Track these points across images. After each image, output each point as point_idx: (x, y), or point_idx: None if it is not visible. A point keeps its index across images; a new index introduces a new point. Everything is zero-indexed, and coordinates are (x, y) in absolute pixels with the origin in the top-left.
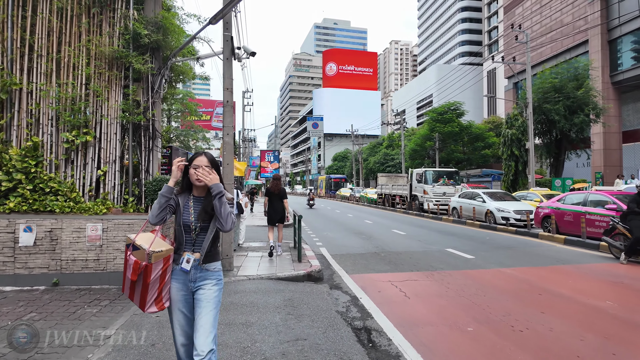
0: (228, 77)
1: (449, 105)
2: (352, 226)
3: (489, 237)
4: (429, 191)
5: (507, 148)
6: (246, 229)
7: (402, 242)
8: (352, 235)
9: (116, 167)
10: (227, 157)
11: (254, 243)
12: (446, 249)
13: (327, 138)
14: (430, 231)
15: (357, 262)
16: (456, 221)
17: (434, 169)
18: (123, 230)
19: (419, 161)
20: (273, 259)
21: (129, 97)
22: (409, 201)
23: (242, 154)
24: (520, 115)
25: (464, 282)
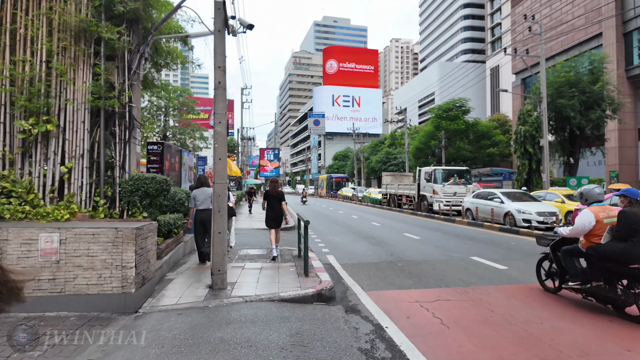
0: (220, 54)
1: (454, 102)
2: (359, 229)
3: (514, 242)
4: (438, 191)
5: (520, 145)
6: (246, 232)
7: (418, 248)
8: (361, 240)
9: (84, 163)
10: (220, 151)
11: (252, 250)
12: (471, 257)
13: (328, 137)
14: (445, 235)
15: (373, 274)
16: (471, 223)
17: (443, 168)
18: (86, 242)
19: (423, 160)
20: (275, 270)
21: (100, 77)
22: (416, 201)
23: (241, 152)
24: (534, 111)
25: (508, 303)
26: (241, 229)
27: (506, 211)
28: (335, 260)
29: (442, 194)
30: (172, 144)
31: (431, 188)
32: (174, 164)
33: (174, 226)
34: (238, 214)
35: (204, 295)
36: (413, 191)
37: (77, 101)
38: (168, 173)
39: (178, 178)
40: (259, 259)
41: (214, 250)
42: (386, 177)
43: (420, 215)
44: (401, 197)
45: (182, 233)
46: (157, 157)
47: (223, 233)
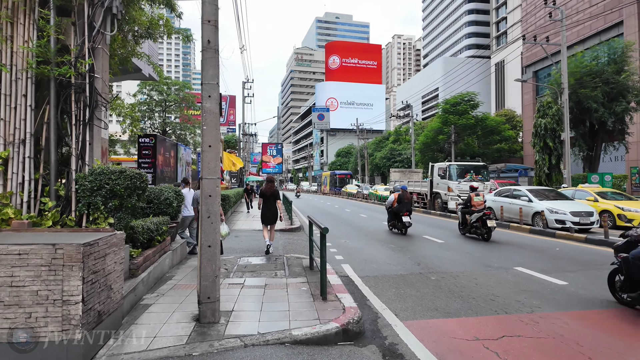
0: (210, 3)
1: (462, 96)
2: (371, 230)
3: (559, 247)
4: (454, 188)
5: (540, 139)
6: (246, 235)
7: (446, 255)
8: (377, 244)
9: (26, 152)
10: (209, 135)
11: (254, 259)
12: (514, 267)
13: (330, 133)
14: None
15: (404, 292)
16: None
17: (458, 163)
18: (8, 266)
19: (430, 155)
20: (283, 290)
21: (49, 36)
22: (429, 199)
23: (243, 149)
24: (554, 103)
25: (605, 340)
26: (240, 231)
27: (536, 211)
28: (352, 271)
29: (457, 192)
30: (167, 138)
31: (445, 185)
32: (169, 159)
33: (156, 233)
34: (236, 214)
35: (187, 333)
36: (425, 188)
37: (16, 67)
38: (162, 169)
39: (174, 174)
40: (263, 270)
41: (201, 271)
42: (394, 174)
43: (433, 214)
44: (412, 195)
45: (168, 240)
46: (150, 151)
47: (215, 247)
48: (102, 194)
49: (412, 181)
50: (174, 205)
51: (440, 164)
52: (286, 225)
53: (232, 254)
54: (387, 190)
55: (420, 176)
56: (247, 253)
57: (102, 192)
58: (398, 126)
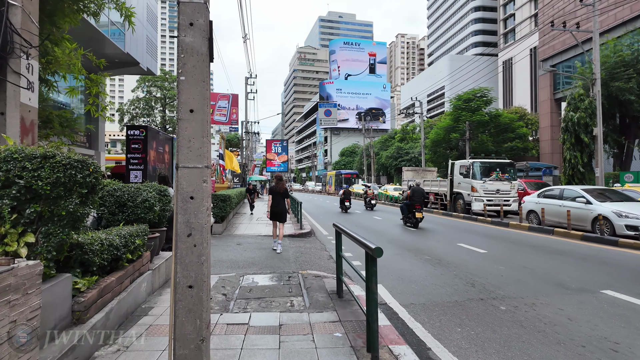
0: None
1: (475, 91)
2: (396, 237)
3: (635, 260)
4: (478, 188)
5: (570, 135)
6: (251, 242)
7: (498, 270)
8: (409, 255)
9: None
10: (191, 93)
11: (261, 277)
12: (602, 291)
13: (334, 132)
14: (518, 247)
15: (476, 333)
16: (536, 229)
17: (482, 160)
18: None
19: (442, 153)
20: (308, 339)
21: None
22: (450, 200)
23: (245, 147)
24: (586, 95)
25: None
26: (243, 237)
27: (597, 214)
28: (388, 294)
29: (482, 192)
30: (160, 130)
31: (469, 184)
32: (163, 154)
33: (125, 249)
34: (238, 216)
35: None
36: (443, 188)
37: None
38: (154, 165)
39: (169, 172)
40: (274, 296)
41: (177, 331)
42: (407, 173)
43: (455, 216)
44: (428, 195)
45: (147, 256)
46: (140, 145)
47: (201, 288)
48: (13, 194)
49: (427, 180)
50: (156, 209)
51: (462, 161)
52: (295, 229)
53: (233, 268)
54: (397, 191)
55: (435, 175)
56: (252, 268)
57: (13, 191)
58: (405, 124)
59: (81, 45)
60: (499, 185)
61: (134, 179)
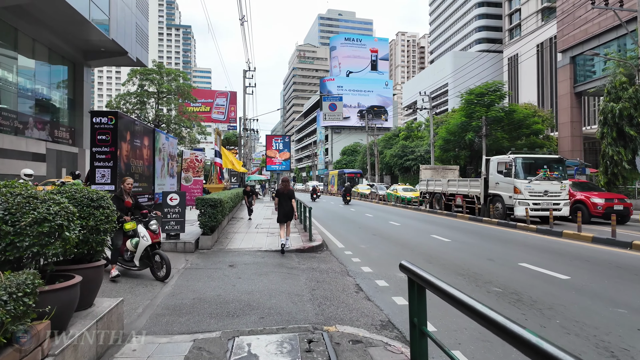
0: None
1: (488, 85)
2: (432, 251)
3: None
4: (522, 189)
5: (611, 129)
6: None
7: (616, 320)
8: (462, 280)
9: None
10: None
11: (261, 340)
12: None
13: (335, 130)
14: (604, 270)
15: None
16: (601, 240)
17: (527, 156)
18: None
19: (452, 153)
20: None
21: None
22: (483, 203)
23: (244, 145)
24: (630, 83)
25: None
26: (239, 252)
27: None
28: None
29: (527, 194)
30: (137, 120)
31: (510, 185)
32: (140, 149)
33: None
34: (235, 221)
35: None
36: (475, 189)
37: None
38: (128, 162)
39: (149, 171)
40: None
41: None
42: (425, 171)
43: (487, 222)
44: (453, 197)
45: (43, 329)
46: (108, 136)
47: None
48: None
49: (452, 180)
50: (70, 234)
51: (501, 157)
52: (303, 241)
53: (219, 318)
54: (408, 191)
55: (457, 174)
56: (250, 315)
57: None
58: (410, 122)
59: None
60: (547, 186)
61: (100, 179)
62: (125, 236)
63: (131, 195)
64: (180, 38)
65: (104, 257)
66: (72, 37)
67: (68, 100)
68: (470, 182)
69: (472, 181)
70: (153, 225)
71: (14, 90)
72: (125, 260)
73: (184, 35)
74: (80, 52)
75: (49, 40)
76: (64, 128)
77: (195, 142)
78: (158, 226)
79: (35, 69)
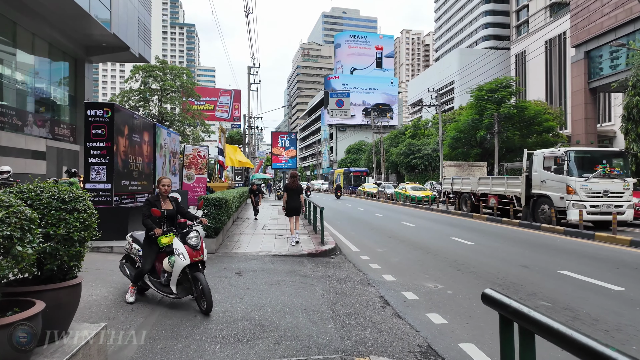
0: None
1: (499, 81)
2: (450, 254)
3: None
4: (577, 189)
5: (636, 124)
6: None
7: None
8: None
9: None
10: None
11: None
12: None
13: (340, 129)
14: None
15: None
16: None
17: (580, 149)
18: None
19: (461, 150)
20: None
21: None
22: (525, 205)
23: (248, 143)
24: None
25: None
26: (246, 257)
27: None
28: None
29: (584, 194)
30: (136, 113)
31: (562, 184)
32: (140, 144)
33: None
34: (240, 222)
35: None
36: (513, 188)
37: None
38: (126, 159)
39: (149, 168)
40: None
41: None
42: (449, 169)
43: (511, 223)
44: (483, 198)
45: None
46: (104, 130)
47: None
48: None
49: (483, 179)
50: (26, 248)
51: (549, 150)
52: (315, 243)
53: (225, 343)
54: (417, 190)
55: (484, 171)
56: (262, 339)
57: None
58: (416, 119)
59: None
60: (608, 184)
61: (95, 177)
62: (161, 252)
63: (172, 200)
64: (184, 36)
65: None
66: (73, 32)
67: (69, 97)
68: (508, 181)
69: (509, 179)
70: (192, 239)
71: (12, 86)
72: (162, 285)
73: (187, 33)
74: (82, 48)
75: (50, 35)
76: (64, 125)
77: (199, 140)
78: (200, 239)
79: (35, 65)
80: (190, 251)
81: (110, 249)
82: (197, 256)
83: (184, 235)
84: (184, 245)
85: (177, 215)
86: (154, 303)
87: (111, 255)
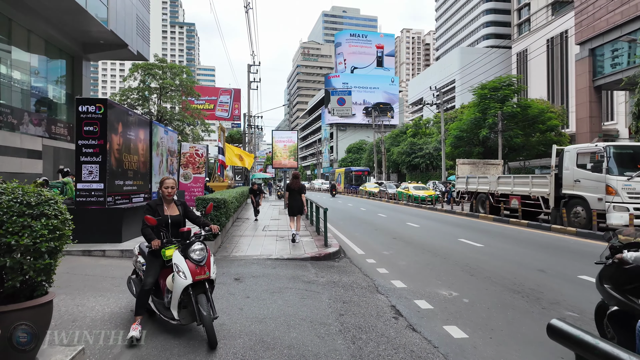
0: None
1: (502, 80)
2: (461, 257)
3: None
4: (618, 189)
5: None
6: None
7: None
8: (519, 299)
9: None
10: None
11: None
12: None
13: (340, 128)
14: None
15: None
16: None
17: (620, 144)
18: None
19: (463, 149)
20: None
21: None
22: (554, 207)
23: (248, 142)
24: None
25: None
26: (246, 260)
27: None
28: None
29: (626, 195)
30: (130, 110)
31: (600, 183)
32: (135, 143)
33: None
34: (240, 222)
35: None
36: (540, 188)
37: None
38: (120, 158)
39: (145, 168)
40: None
41: None
42: (463, 166)
43: (519, 224)
44: (504, 199)
45: None
46: (96, 127)
47: None
48: None
49: (502, 177)
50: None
51: (583, 146)
52: (318, 246)
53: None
54: (420, 189)
55: (500, 169)
56: (267, 359)
57: None
58: (417, 118)
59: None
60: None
61: (87, 176)
62: (166, 267)
63: (178, 204)
64: (184, 36)
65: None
66: (70, 29)
67: (66, 95)
68: (533, 180)
69: (535, 178)
70: (196, 251)
71: (7, 84)
72: (165, 308)
73: (187, 33)
74: (79, 45)
75: (46, 32)
76: (61, 124)
77: (198, 140)
78: (207, 251)
79: (31, 62)
80: (192, 267)
81: (103, 252)
82: (202, 274)
83: (186, 247)
84: (185, 259)
85: (185, 221)
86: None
87: (103, 260)
